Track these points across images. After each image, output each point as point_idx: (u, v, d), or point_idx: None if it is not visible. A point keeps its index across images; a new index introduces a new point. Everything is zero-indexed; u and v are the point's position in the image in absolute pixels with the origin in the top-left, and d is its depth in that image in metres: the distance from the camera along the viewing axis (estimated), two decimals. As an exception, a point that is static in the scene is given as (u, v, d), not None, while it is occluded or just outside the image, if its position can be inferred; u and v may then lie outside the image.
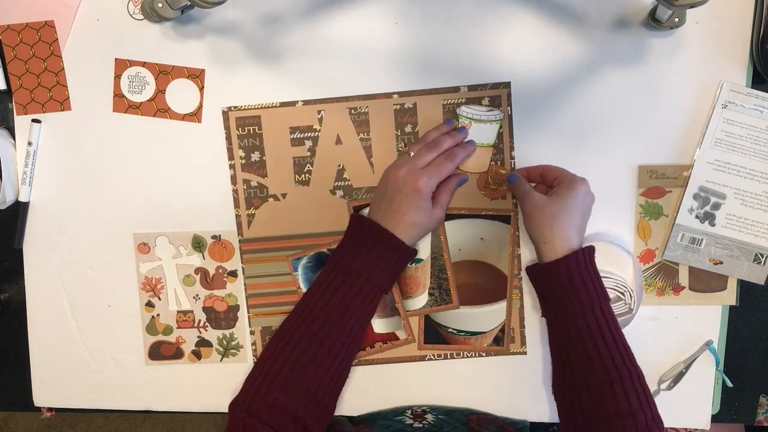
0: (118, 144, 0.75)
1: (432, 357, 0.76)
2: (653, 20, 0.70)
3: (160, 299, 0.77)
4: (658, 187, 0.74)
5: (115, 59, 0.73)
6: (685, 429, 0.80)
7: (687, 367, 0.75)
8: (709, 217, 0.73)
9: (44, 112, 0.74)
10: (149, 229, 0.76)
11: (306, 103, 0.73)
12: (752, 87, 0.72)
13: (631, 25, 0.71)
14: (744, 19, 0.71)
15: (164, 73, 0.73)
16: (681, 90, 0.72)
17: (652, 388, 0.76)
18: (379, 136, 0.74)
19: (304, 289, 0.75)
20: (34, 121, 0.74)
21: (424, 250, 0.74)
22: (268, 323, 0.77)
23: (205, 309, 0.77)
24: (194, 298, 0.77)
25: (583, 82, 0.72)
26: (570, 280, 0.64)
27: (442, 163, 0.68)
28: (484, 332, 0.76)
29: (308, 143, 0.74)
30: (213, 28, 0.72)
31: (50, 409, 0.80)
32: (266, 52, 0.73)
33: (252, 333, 0.77)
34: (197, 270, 0.77)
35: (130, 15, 0.72)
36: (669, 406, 0.75)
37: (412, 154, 0.69)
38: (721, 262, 0.74)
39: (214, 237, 0.76)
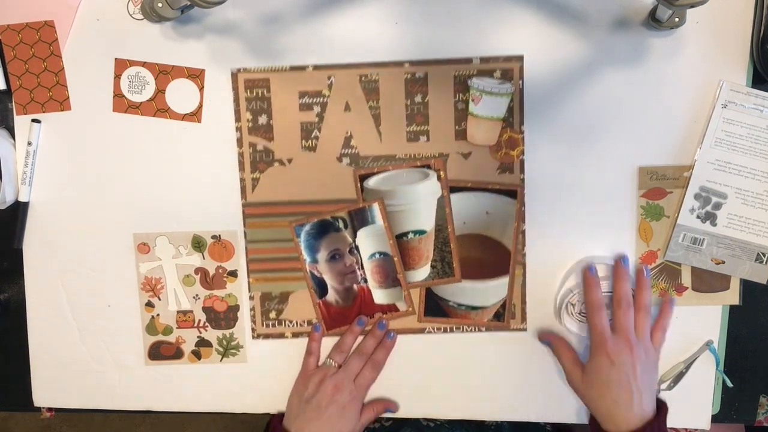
0: (118, 144, 0.75)
1: (431, 330, 0.76)
2: (653, 20, 0.70)
3: (159, 299, 0.77)
4: (658, 188, 0.74)
5: (115, 59, 0.73)
6: (685, 429, 0.80)
7: (687, 367, 0.75)
8: (710, 217, 0.73)
9: (44, 112, 0.74)
10: (149, 229, 0.76)
11: (316, 68, 0.72)
12: (752, 87, 0.72)
13: (631, 25, 0.71)
14: (744, 19, 0.71)
15: (164, 73, 0.73)
16: (681, 90, 0.72)
17: (653, 388, 0.76)
18: (389, 104, 0.73)
19: (306, 257, 0.75)
20: (34, 121, 0.74)
21: (428, 221, 0.74)
22: (267, 289, 0.76)
23: (204, 309, 0.77)
24: (194, 298, 0.77)
25: (582, 83, 0.72)
26: None
27: (370, 375, 0.74)
28: (485, 307, 0.76)
29: (317, 109, 0.73)
30: (213, 28, 0.72)
31: (50, 409, 0.80)
32: (266, 52, 0.73)
33: (251, 298, 0.77)
34: (197, 270, 0.76)
35: (130, 15, 0.72)
36: (669, 406, 0.75)
37: (334, 363, 0.74)
38: (723, 262, 0.74)
39: (214, 237, 0.76)
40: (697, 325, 0.76)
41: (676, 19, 0.69)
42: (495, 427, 0.88)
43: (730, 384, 0.76)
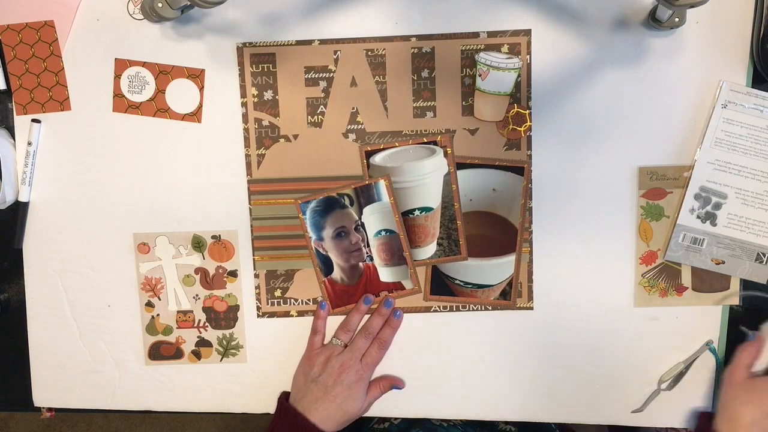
0: (118, 144, 0.75)
1: (438, 308, 0.76)
2: (653, 20, 0.70)
3: (159, 299, 0.77)
4: (658, 188, 0.74)
5: (115, 59, 0.73)
6: (686, 429, 0.80)
7: (687, 367, 0.75)
8: (710, 217, 0.73)
9: (44, 112, 0.74)
10: (149, 229, 0.76)
11: (322, 42, 0.72)
12: (752, 87, 0.72)
13: (631, 25, 0.71)
14: (744, 19, 0.71)
15: (164, 73, 0.73)
16: (681, 90, 0.72)
17: (652, 388, 0.76)
18: (395, 79, 0.73)
19: (311, 234, 0.75)
20: (34, 121, 0.74)
21: (435, 198, 0.74)
22: (273, 267, 0.76)
23: (204, 309, 0.77)
24: (194, 298, 0.77)
25: (582, 83, 0.72)
26: None
27: (376, 354, 0.74)
28: (492, 285, 0.75)
29: (323, 84, 0.73)
30: (213, 28, 0.72)
31: (50, 409, 0.80)
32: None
33: (256, 276, 0.76)
34: (197, 270, 0.77)
35: (130, 15, 0.72)
36: (669, 406, 0.75)
37: (340, 342, 0.74)
38: (723, 262, 0.74)
39: (214, 237, 0.76)
40: (697, 325, 0.76)
41: (676, 19, 0.69)
42: (506, 424, 0.88)
43: (730, 384, 0.76)
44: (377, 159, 0.73)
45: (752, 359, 0.70)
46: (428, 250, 0.75)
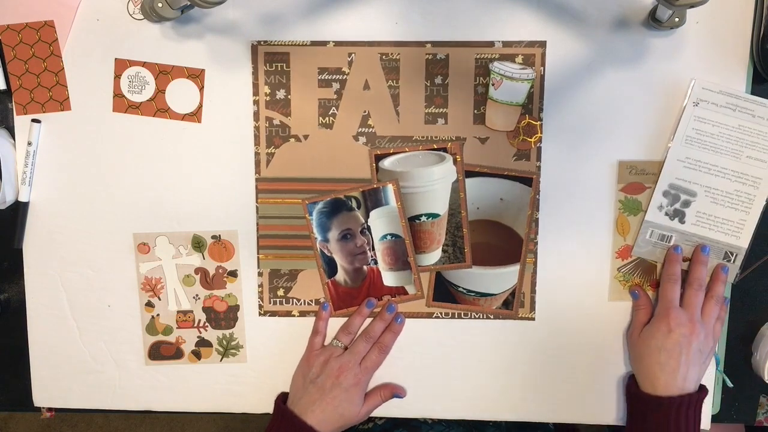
0: (118, 144, 0.75)
1: (439, 315, 0.76)
2: (653, 20, 0.70)
3: (159, 299, 0.77)
4: (637, 182, 0.73)
5: (115, 59, 0.73)
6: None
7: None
8: (678, 215, 0.73)
9: (44, 112, 0.74)
10: (149, 229, 0.76)
11: (337, 44, 0.72)
12: (752, 87, 0.72)
13: (631, 25, 0.71)
14: (744, 19, 0.71)
15: (164, 73, 0.73)
16: (680, 90, 0.72)
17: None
18: (408, 84, 0.72)
19: (317, 235, 0.75)
20: (34, 121, 0.74)
21: (442, 205, 0.74)
22: (277, 266, 0.76)
23: (204, 309, 0.77)
24: (194, 298, 0.77)
25: (582, 82, 0.72)
26: (665, 424, 0.67)
27: (376, 358, 0.74)
28: (495, 294, 0.76)
29: (335, 86, 0.73)
30: (213, 28, 0.72)
31: (50, 409, 0.80)
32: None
33: (260, 275, 0.76)
34: (197, 270, 0.77)
35: (130, 15, 0.72)
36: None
37: (340, 344, 0.74)
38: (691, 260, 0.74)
39: (214, 237, 0.76)
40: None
41: (676, 19, 0.69)
42: (494, 425, 0.88)
43: (730, 384, 0.76)
44: (386, 163, 0.74)
45: (647, 317, 0.73)
46: (433, 257, 0.75)
